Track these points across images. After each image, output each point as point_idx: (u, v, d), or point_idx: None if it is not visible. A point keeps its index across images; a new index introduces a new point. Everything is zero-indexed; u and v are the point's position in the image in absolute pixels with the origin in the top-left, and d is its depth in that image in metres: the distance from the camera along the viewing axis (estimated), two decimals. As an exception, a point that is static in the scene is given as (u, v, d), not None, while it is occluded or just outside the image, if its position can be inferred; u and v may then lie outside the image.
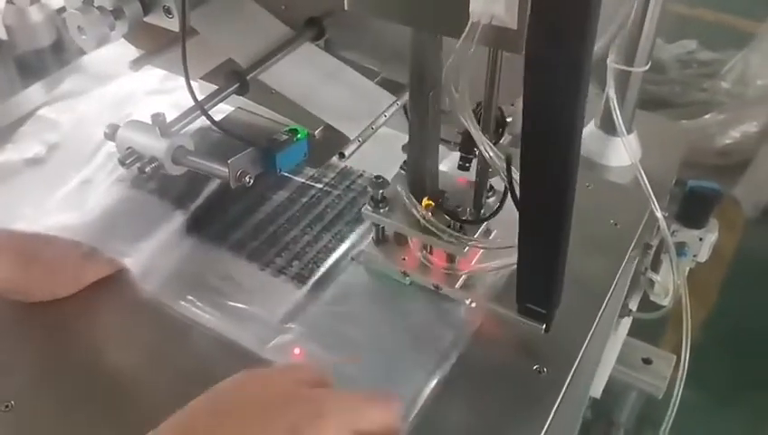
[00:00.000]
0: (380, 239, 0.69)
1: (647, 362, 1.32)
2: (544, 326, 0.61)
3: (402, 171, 0.66)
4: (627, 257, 0.72)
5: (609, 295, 0.68)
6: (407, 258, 0.67)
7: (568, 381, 0.61)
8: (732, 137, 2.14)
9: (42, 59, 1.01)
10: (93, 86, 0.91)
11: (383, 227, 0.68)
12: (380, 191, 0.64)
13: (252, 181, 0.55)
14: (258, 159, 0.57)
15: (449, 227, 0.62)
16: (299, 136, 0.59)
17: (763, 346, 1.78)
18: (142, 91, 0.87)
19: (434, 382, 0.60)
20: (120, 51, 0.77)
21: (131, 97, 0.87)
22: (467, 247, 0.63)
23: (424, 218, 0.62)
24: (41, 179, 0.77)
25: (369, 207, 0.65)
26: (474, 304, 0.66)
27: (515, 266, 0.59)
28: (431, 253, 0.67)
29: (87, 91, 0.90)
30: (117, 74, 0.88)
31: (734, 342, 1.80)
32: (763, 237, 2.05)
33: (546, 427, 0.58)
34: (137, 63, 0.68)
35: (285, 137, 0.59)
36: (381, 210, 0.65)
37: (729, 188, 2.12)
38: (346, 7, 0.52)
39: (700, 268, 1.00)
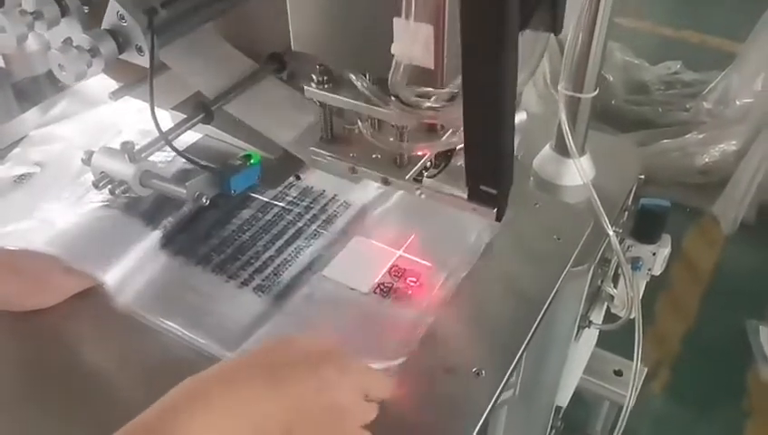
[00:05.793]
0: (328, 138, 0.66)
1: (617, 373, 1.37)
2: (496, 210, 0.58)
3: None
4: (566, 269, 0.77)
5: (546, 304, 0.73)
6: (355, 154, 0.65)
7: (504, 381, 0.66)
8: (712, 156, 2.18)
9: (38, 85, 1.07)
10: (83, 111, 0.96)
11: (331, 125, 0.65)
12: (322, 67, 0.61)
13: (208, 201, 0.61)
14: (214, 181, 0.62)
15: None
16: (252, 161, 0.65)
17: (741, 358, 1.81)
18: (126, 117, 0.92)
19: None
20: (107, 82, 0.82)
21: (115, 123, 0.92)
22: (417, 118, 0.59)
23: (368, 90, 0.59)
24: (26, 198, 0.82)
25: (312, 86, 0.62)
26: (423, 196, 0.64)
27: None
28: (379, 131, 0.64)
29: (77, 116, 0.95)
30: (104, 101, 0.93)
31: (713, 354, 1.83)
32: (740, 254, 2.08)
33: (480, 423, 0.63)
34: (116, 94, 0.73)
35: (239, 162, 0.65)
36: (326, 86, 0.62)
37: (709, 206, 2.16)
38: (293, 48, 0.58)
39: (681, 284, 1.04)
